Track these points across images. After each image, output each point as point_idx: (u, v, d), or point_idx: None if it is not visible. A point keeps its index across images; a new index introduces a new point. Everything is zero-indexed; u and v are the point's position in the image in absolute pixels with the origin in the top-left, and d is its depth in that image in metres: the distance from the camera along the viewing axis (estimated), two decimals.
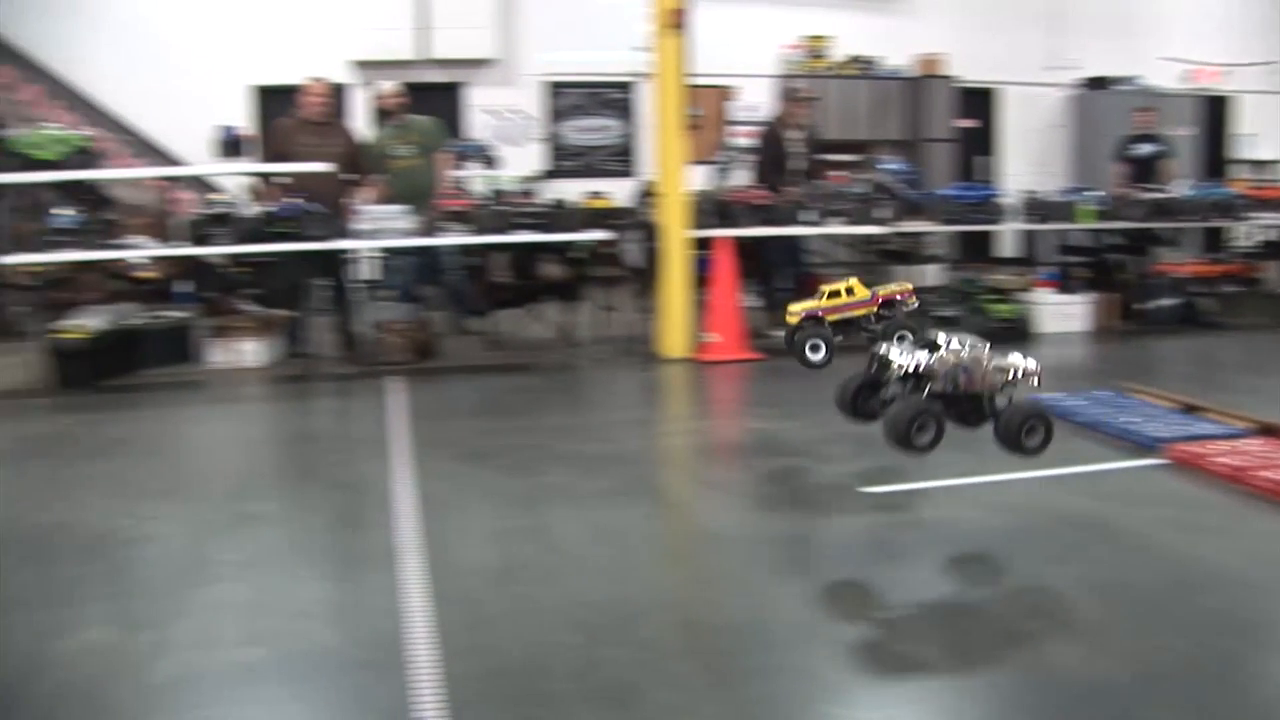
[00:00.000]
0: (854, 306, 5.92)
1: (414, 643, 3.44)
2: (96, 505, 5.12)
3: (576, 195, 9.97)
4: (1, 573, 4.24)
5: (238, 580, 4.07)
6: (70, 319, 8.26)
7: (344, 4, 13.82)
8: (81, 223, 8.27)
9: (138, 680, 3.28)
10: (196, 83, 13.36)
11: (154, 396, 7.77)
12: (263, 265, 8.90)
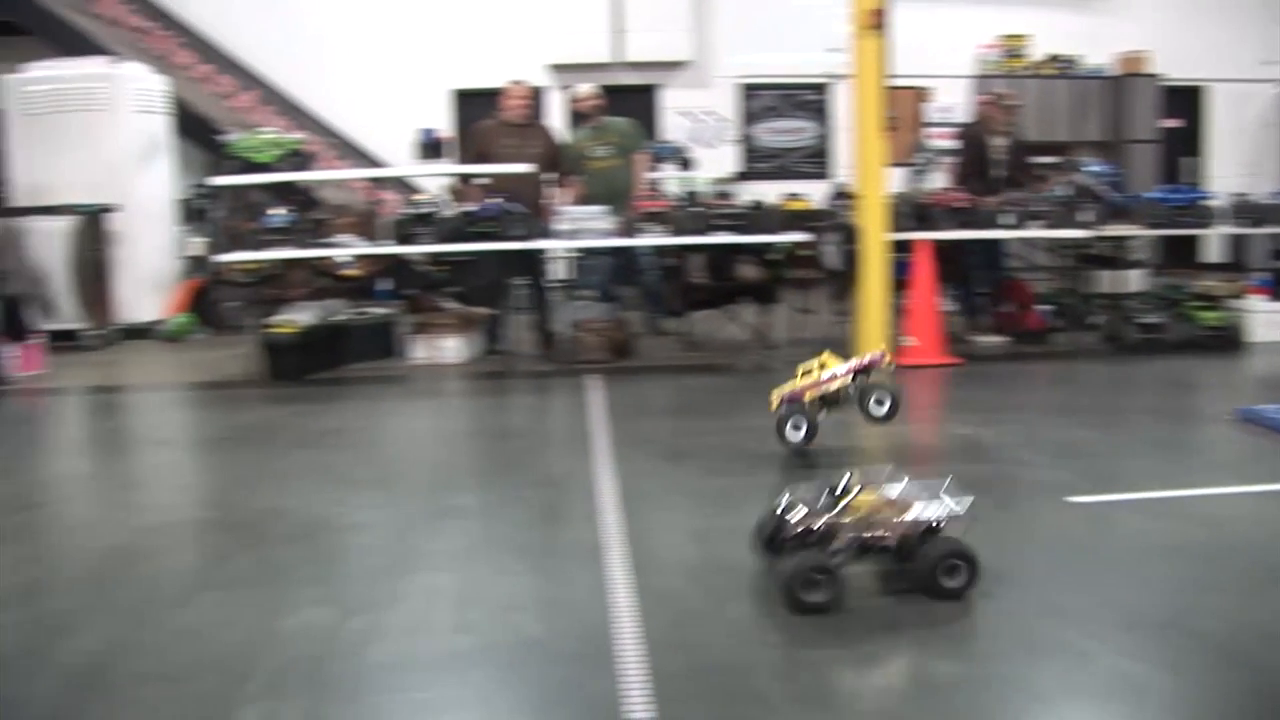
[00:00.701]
0: (829, 381, 5.74)
1: (621, 637, 3.48)
2: (308, 493, 5.34)
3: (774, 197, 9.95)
4: (226, 554, 4.46)
5: (446, 570, 4.19)
6: (281, 314, 8.62)
7: (541, 8, 14.09)
8: (293, 222, 8.64)
9: (355, 661, 3.41)
10: (398, 87, 13.80)
11: (359, 390, 8.06)
12: (462, 264, 9.15)
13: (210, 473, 5.98)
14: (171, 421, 7.85)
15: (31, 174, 11.45)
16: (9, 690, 3.31)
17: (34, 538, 4.96)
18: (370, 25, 14.14)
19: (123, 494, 5.79)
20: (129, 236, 11.26)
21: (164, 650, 3.55)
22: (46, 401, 8.51)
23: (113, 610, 3.89)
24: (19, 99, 11.51)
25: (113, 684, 3.33)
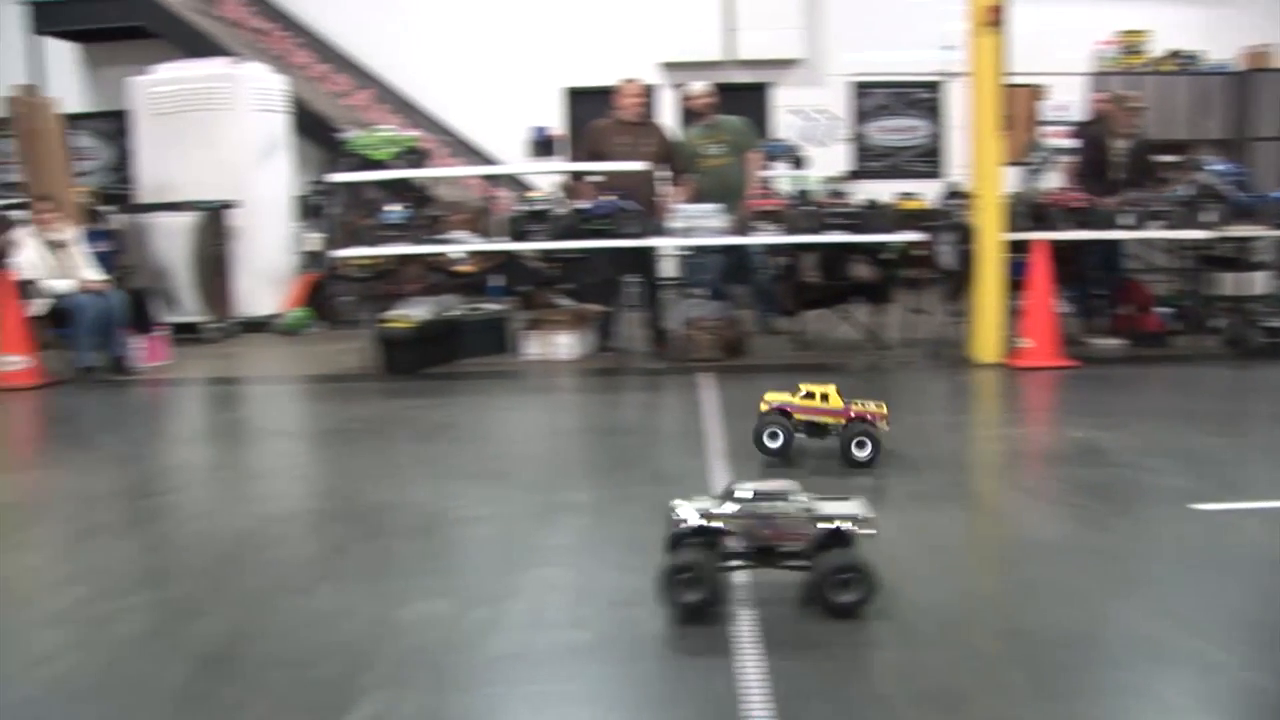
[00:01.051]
0: (824, 413, 5.64)
1: (739, 636, 3.47)
2: (425, 486, 5.40)
3: (887, 196, 9.86)
4: (345, 544, 4.53)
5: (563, 565, 4.21)
6: (396, 309, 8.74)
7: (653, 6, 14.11)
8: (408, 218, 8.75)
9: (474, 653, 3.44)
10: (511, 85, 13.92)
11: (472, 385, 8.14)
12: (573, 261, 9.20)
13: (328, 464, 6.08)
14: (289, 413, 8.01)
15: (156, 172, 11.79)
16: (142, 670, 3.40)
17: (161, 524, 5.10)
18: (484, 24, 14.28)
19: (244, 483, 5.92)
20: (248, 232, 11.53)
21: (288, 636, 3.61)
22: (170, 391, 8.74)
23: (238, 596, 3.98)
24: (146, 99, 11.86)
25: (240, 668, 3.40)
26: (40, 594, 4.16)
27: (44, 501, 5.52)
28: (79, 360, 8.89)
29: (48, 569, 4.44)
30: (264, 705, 3.15)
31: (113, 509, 5.32)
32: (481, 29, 14.31)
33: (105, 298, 8.95)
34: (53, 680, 3.35)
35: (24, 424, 7.91)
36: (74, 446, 7.00)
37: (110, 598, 4.02)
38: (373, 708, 3.10)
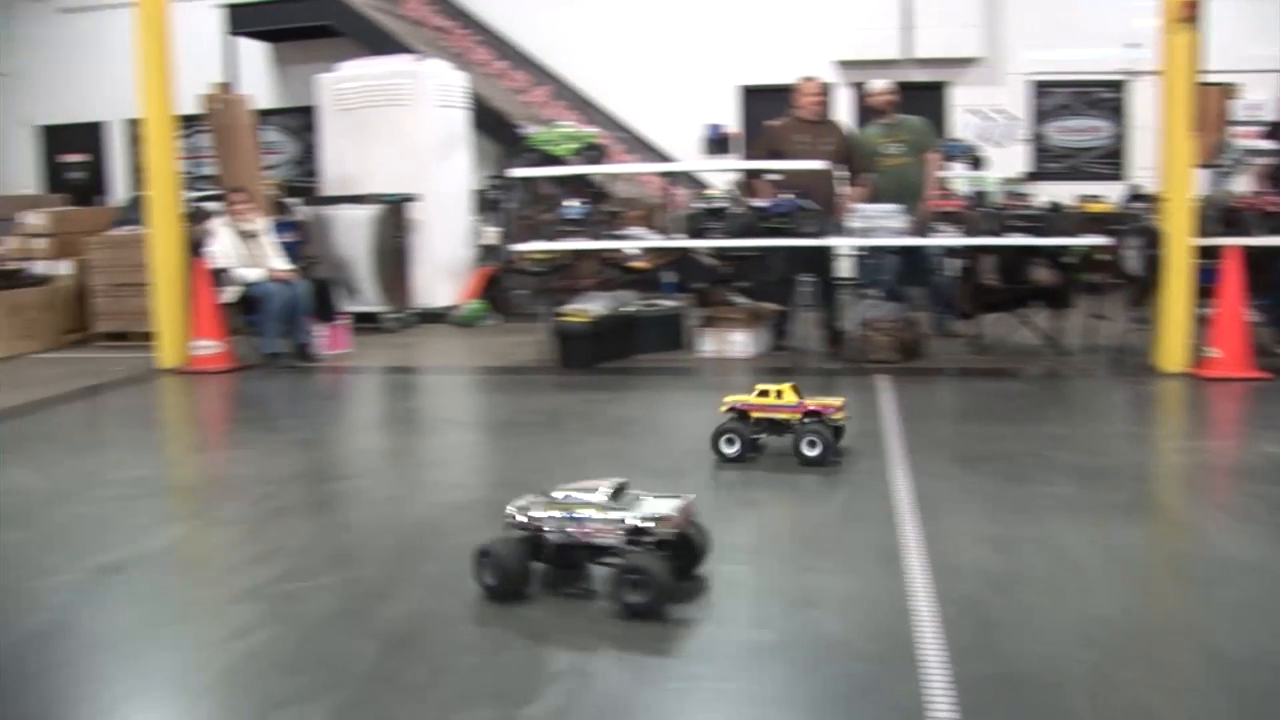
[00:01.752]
0: (779, 410, 5.74)
1: (922, 641, 3.39)
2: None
3: (1065, 197, 9.56)
4: None
5: (744, 563, 4.17)
6: (573, 303, 8.81)
7: (829, 4, 13.97)
8: (586, 214, 8.82)
9: (658, 646, 3.43)
10: (686, 82, 13.93)
11: (647, 380, 8.16)
12: (748, 259, 9.15)
13: (506, 455, 6.15)
14: (466, 403, 8.14)
15: (340, 165, 12.13)
16: (332, 648, 3.48)
17: (345, 508, 5.23)
18: (660, 22, 14.32)
19: (424, 471, 6.03)
20: (428, 225, 11.77)
21: (472, 622, 3.66)
22: (350, 379, 8.97)
23: (423, 580, 4.04)
24: (331, 95, 12.20)
25: (426, 651, 3.45)
26: (234, 570, 4.30)
27: (235, 481, 5.70)
28: (265, 346, 9.20)
29: (240, 546, 4.57)
30: (450, 689, 3.19)
31: (299, 491, 5.47)
32: (658, 27, 14.36)
33: (291, 287, 9.23)
34: (249, 653, 3.45)
35: (214, 406, 8.19)
36: (261, 430, 7.22)
37: (300, 576, 4.13)
38: (558, 698, 3.11)
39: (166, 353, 9.22)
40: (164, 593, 4.20)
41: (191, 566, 4.52)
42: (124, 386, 8.68)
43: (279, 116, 15.33)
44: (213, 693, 3.24)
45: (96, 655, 3.52)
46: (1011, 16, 14.13)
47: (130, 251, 10.62)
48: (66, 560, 4.45)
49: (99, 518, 5.06)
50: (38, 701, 3.22)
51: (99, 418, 7.93)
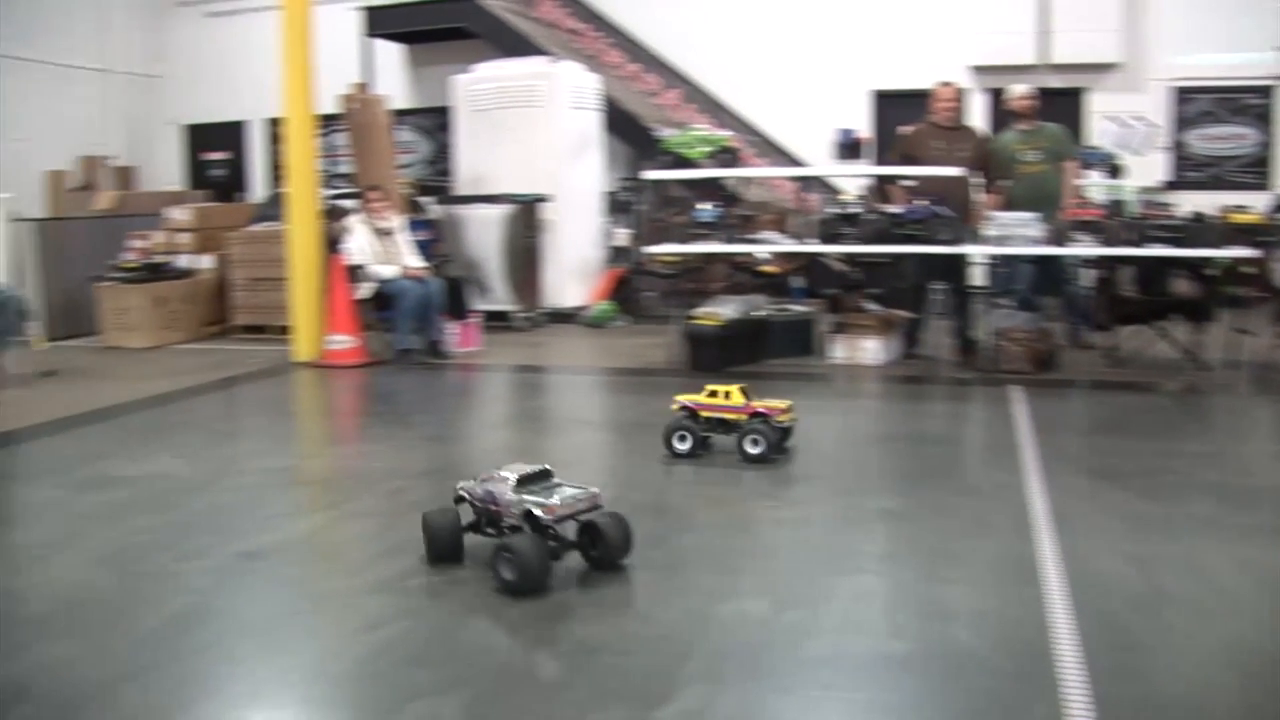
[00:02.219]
0: (727, 410, 5.99)
1: (1062, 659, 3.31)
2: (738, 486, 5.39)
3: (1207, 207, 9.24)
4: (660, 536, 4.54)
5: (878, 573, 4.12)
6: (705, 306, 8.78)
7: (964, 8, 13.73)
8: (719, 217, 8.79)
9: (790, 654, 3.40)
10: (818, 86, 13.81)
11: (777, 385, 8.05)
12: (879, 265, 9.03)
13: (635, 456, 6.14)
14: (594, 403, 8.17)
15: (473, 165, 12.28)
16: (467, 641, 3.52)
17: None
18: (793, 25, 14.22)
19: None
20: (559, 225, 11.84)
21: (606, 622, 3.66)
22: (481, 376, 9.06)
23: (556, 578, 4.04)
24: (466, 96, 12.35)
25: (560, 649, 3.46)
26: (369, 562, 4.36)
27: (368, 475, 5.78)
28: (398, 342, 9.34)
29: (375, 539, 4.64)
30: (584, 688, 3.20)
31: (431, 486, 5.52)
32: (791, 30, 14.25)
33: (425, 284, 9.36)
34: (384, 644, 3.50)
35: (348, 400, 8.34)
36: (393, 424, 7.33)
37: (433, 570, 4.17)
38: (691, 701, 3.10)
39: (302, 346, 9.42)
40: (301, 581, 4.28)
41: (327, 557, 4.60)
42: (261, 378, 8.89)
43: (413, 116, 15.57)
44: (349, 681, 3.29)
45: (239, 639, 3.61)
46: (1153, 20, 13.73)
47: (268, 247, 10.88)
48: (209, 545, 4.57)
49: (239, 505, 5.18)
50: (191, 679, 3.31)
51: (237, 408, 8.13)
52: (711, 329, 8.46)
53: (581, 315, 11.63)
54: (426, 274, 9.55)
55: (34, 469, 6.37)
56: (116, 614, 3.86)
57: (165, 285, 11.06)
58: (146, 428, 7.24)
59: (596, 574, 4.07)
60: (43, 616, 3.88)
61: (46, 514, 5.29)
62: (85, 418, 7.37)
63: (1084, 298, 9.23)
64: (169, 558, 4.44)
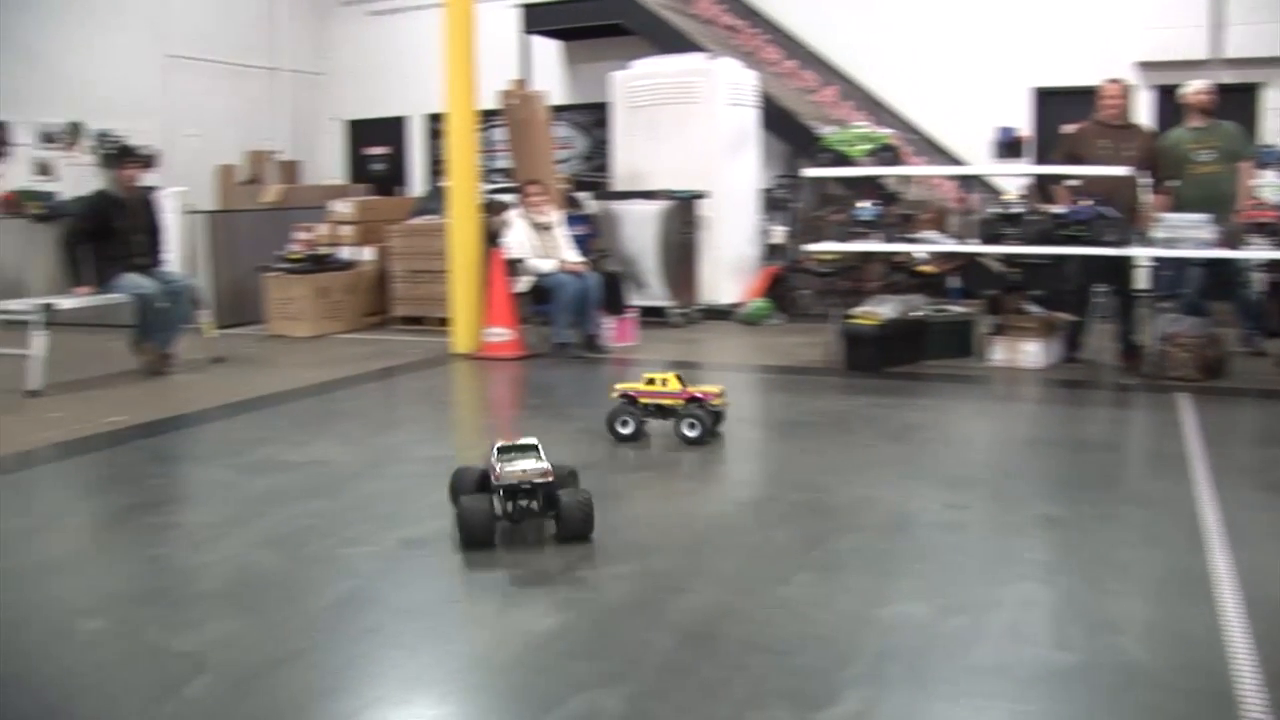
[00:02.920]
0: (665, 396, 6.35)
1: (1239, 680, 3.19)
2: (895, 485, 5.33)
3: None
4: (820, 537, 4.52)
5: (1042, 580, 4.03)
6: (862, 306, 8.69)
7: (1131, 3, 13.31)
8: (878, 216, 8.68)
9: (955, 660, 3.35)
10: (977, 83, 13.52)
11: (935, 387, 7.97)
12: (1039, 266, 8.81)
13: (796, 455, 6.11)
14: (751, 401, 8.13)
15: (631, 161, 12.34)
16: (628, 638, 3.52)
17: (635, 499, 5.30)
18: (952, 20, 13.94)
19: (712, 466, 6.06)
20: (716, 222, 11.84)
21: (767, 622, 3.64)
22: (636, 372, 9.05)
23: (717, 576, 4.05)
24: (625, 92, 12.41)
25: (722, 647, 3.46)
26: (527, 555, 4.40)
27: None
28: (555, 336, 9.46)
29: (533, 531, 4.67)
30: (745, 687, 3.18)
31: (589, 480, 5.55)
32: (950, 26, 13.97)
33: (583, 279, 9.45)
34: (544, 636, 3.54)
35: (505, 392, 8.46)
36: (550, 417, 7.40)
37: (594, 564, 4.21)
38: (853, 704, 3.08)
39: (460, 338, 9.60)
40: (461, 570, 4.35)
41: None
42: (420, 369, 9.07)
43: (569, 112, 15.72)
44: (513, 671, 3.33)
45: (402, 624, 3.68)
46: None
47: (428, 240, 11.10)
48: (371, 531, 4.68)
49: (399, 493, 5.29)
50: (356, 661, 3.40)
51: (397, 397, 8.31)
52: (869, 328, 8.37)
53: (737, 312, 11.60)
54: (584, 268, 9.64)
55: (205, 452, 6.62)
56: (285, 594, 3.99)
57: (328, 276, 11.37)
58: (310, 414, 7.45)
59: (756, 575, 4.06)
60: (216, 593, 4.04)
61: (217, 495, 5.50)
62: (252, 403, 7.63)
63: (1257, 303, 8.89)
64: (334, 542, 4.56)
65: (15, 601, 4.00)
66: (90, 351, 9.84)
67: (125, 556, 4.60)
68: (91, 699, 3.21)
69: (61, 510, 5.45)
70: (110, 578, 4.28)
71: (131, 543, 4.77)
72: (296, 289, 11.13)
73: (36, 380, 8.04)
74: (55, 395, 8.00)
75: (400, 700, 3.17)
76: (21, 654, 3.53)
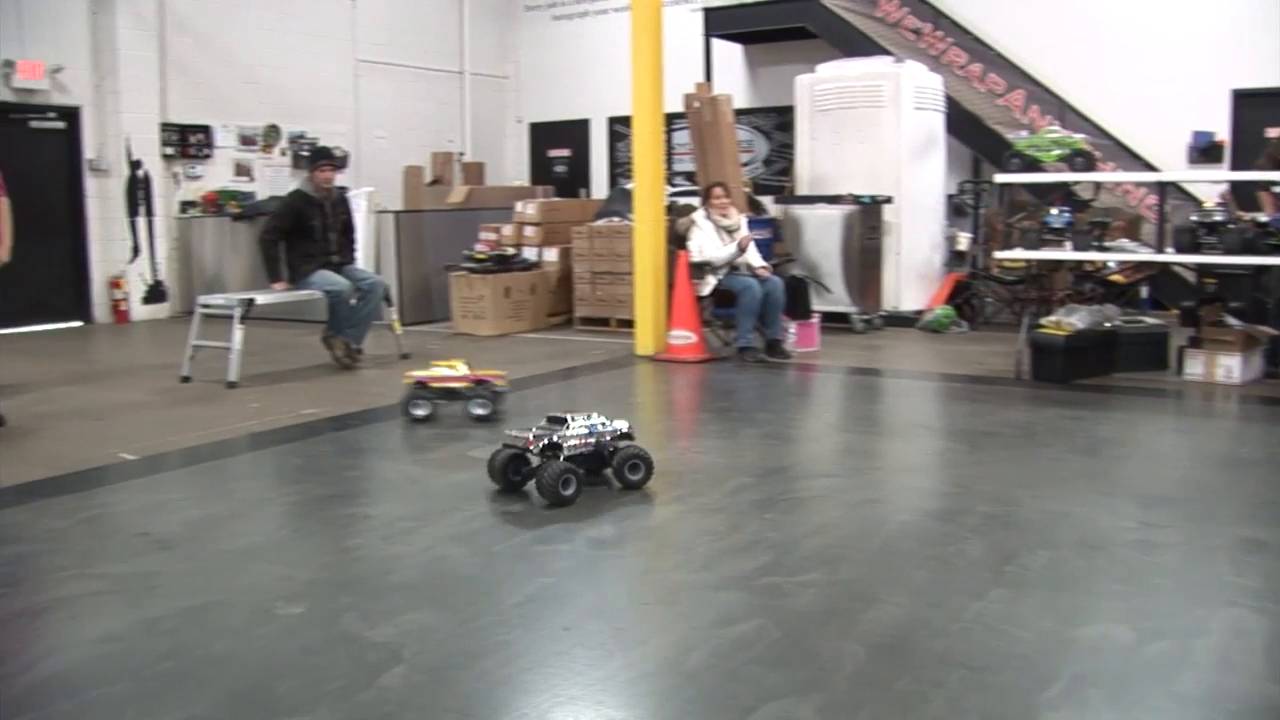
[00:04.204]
0: (452, 379, 7.12)
1: None
2: (1090, 501, 5.18)
3: None
4: (1014, 552, 4.41)
5: (1253, 608, 3.85)
6: (1052, 315, 8.47)
7: None
8: (1069, 223, 8.45)
9: (1161, 687, 3.23)
10: (1173, 87, 13.03)
11: (1127, 400, 7.71)
12: (1235, 277, 8.44)
13: (981, 467, 5.97)
14: (934, 410, 8.01)
15: (814, 165, 12.27)
16: (820, 647, 3.49)
17: (822, 506, 5.25)
18: (1146, 21, 13.46)
19: (899, 476, 5.98)
20: (900, 228, 11.70)
21: (962, 637, 3.57)
22: (819, 377, 9.04)
23: (909, 588, 3.99)
24: (809, 95, 12.34)
25: (915, 661, 3.40)
26: (719, 558, 4.41)
27: (712, 470, 5.87)
28: (739, 340, 9.43)
29: (723, 536, 4.68)
30: (940, 703, 3.13)
31: (775, 485, 5.57)
32: (1143, 27, 13.49)
33: (767, 283, 9.40)
34: (737, 642, 3.53)
35: (689, 395, 8.47)
36: (734, 421, 7.39)
37: (784, 571, 4.19)
38: None
39: (643, 340, 9.67)
40: (651, 572, 4.38)
41: (677, 549, 4.67)
42: (603, 369, 9.17)
43: (750, 115, 15.70)
44: (704, 676, 3.32)
45: (593, 624, 3.71)
46: None
47: (612, 242, 11.22)
48: (563, 531, 4.75)
49: (587, 493, 5.31)
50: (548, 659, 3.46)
51: (580, 397, 8.38)
52: (1059, 338, 8.14)
53: (920, 320, 11.42)
54: (768, 272, 9.60)
55: (394, 446, 6.80)
56: (478, 590, 4.07)
57: (512, 276, 11.56)
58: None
59: (948, 588, 3.98)
60: (410, 585, 4.14)
61: (407, 489, 5.67)
62: None
63: None
64: (524, 540, 4.63)
65: (221, 584, 4.17)
66: (284, 345, 10.23)
67: (321, 546, 4.76)
68: (293, 681, 3.32)
69: (261, 498, 5.68)
70: (307, 566, 4.43)
71: (326, 532, 4.94)
72: (481, 288, 11.35)
73: (235, 372, 8.39)
74: (252, 387, 8.33)
75: (593, 700, 3.20)
76: (229, 633, 3.68)
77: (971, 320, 11.39)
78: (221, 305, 8.82)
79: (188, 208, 13.79)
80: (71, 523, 5.06)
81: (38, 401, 7.96)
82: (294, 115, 14.92)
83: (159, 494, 5.69)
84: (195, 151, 13.84)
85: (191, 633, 3.69)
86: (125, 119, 13.00)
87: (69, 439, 6.82)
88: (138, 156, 13.08)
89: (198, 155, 13.87)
